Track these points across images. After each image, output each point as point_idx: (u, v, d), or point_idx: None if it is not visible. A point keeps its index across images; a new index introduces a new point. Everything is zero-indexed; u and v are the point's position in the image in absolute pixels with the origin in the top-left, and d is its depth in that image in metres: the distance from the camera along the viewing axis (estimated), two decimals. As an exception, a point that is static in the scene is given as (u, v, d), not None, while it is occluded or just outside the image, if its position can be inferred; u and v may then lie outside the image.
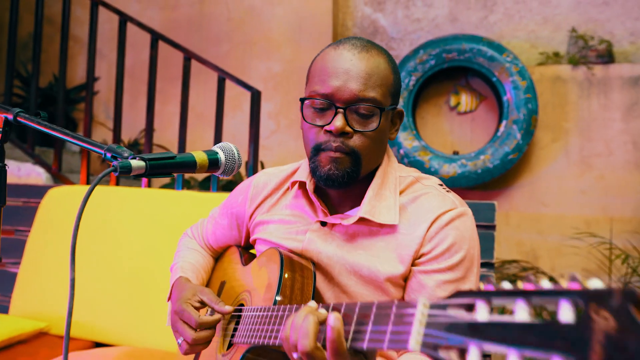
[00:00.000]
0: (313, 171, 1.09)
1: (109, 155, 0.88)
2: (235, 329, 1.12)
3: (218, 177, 2.63)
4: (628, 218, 3.18)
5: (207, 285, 1.36)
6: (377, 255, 1.09)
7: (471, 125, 3.46)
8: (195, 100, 3.86)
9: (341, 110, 1.04)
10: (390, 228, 1.09)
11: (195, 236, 1.45)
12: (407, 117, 3.29)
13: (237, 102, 3.89)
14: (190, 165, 0.92)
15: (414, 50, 3.31)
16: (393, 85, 1.10)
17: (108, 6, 3.15)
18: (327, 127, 1.05)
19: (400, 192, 1.13)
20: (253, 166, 2.82)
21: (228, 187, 3.48)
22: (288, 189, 1.22)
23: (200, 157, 0.93)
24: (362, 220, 1.09)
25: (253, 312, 1.06)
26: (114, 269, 2.12)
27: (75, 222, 0.80)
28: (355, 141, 1.06)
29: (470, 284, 1.08)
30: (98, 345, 2.03)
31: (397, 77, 1.13)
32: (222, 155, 0.96)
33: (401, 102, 3.28)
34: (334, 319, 0.78)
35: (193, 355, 1.29)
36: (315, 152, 1.08)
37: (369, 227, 1.10)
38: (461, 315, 0.57)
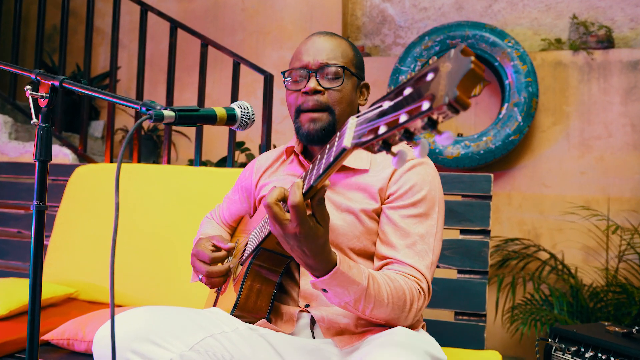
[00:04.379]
0: (297, 131, 1.30)
1: (144, 108, 1.03)
2: (242, 263, 1.32)
3: (232, 157, 2.78)
4: (627, 198, 3.24)
5: None
6: (351, 196, 1.29)
7: (475, 109, 3.52)
8: (211, 88, 3.98)
9: (313, 74, 1.27)
10: (362, 173, 1.30)
11: (213, 217, 1.65)
12: (413, 101, 3.39)
13: (252, 88, 3.99)
14: (212, 117, 1.04)
15: (420, 36, 3.37)
16: (355, 59, 1.33)
17: (129, -3, 3.29)
18: (303, 90, 1.27)
19: None
20: (266, 146, 2.91)
21: (243, 165, 3.64)
22: (285, 159, 1.44)
23: (220, 111, 1.07)
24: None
25: (254, 230, 1.29)
26: (137, 240, 2.21)
27: (116, 173, 0.95)
28: (327, 97, 1.27)
29: (433, 221, 1.26)
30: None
31: (358, 57, 1.35)
32: (238, 111, 1.07)
33: (407, 86, 3.38)
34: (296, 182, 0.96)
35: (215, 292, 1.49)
36: (297, 114, 1.30)
37: (345, 174, 1.31)
38: (374, 111, 0.75)
